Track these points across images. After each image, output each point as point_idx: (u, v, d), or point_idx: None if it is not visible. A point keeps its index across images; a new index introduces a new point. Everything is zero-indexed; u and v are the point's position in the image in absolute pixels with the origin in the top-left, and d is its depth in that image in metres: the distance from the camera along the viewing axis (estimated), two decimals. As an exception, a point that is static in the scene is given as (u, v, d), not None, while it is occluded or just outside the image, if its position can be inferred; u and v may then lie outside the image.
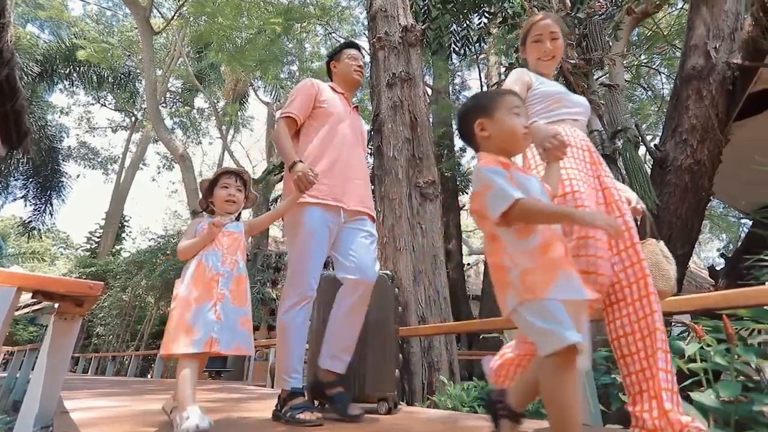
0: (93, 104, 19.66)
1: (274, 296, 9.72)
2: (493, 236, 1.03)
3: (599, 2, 4.61)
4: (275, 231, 16.63)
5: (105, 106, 19.08)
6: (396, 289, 2.34)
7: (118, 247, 17.06)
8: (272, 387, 4.68)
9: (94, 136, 21.06)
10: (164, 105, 16.53)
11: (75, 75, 14.18)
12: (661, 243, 1.40)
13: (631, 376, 1.19)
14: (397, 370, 2.13)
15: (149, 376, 11.25)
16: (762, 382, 1.53)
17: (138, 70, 14.53)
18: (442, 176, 8.83)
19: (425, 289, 4.01)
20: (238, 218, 1.71)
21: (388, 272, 2.30)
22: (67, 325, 1.47)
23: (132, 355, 9.78)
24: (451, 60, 9.54)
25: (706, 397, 1.45)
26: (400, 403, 2.48)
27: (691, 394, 1.59)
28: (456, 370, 3.92)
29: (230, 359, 8.26)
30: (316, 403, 1.91)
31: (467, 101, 1.23)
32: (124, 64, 14.70)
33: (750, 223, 5.69)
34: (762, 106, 4.12)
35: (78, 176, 22.56)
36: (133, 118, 18.94)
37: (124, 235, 18.24)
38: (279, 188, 12.94)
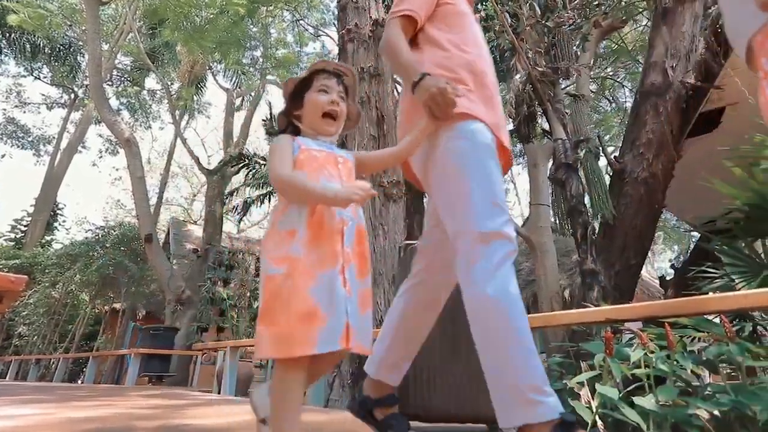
0: (25, 76, 17.62)
1: (225, 296, 9.08)
2: None
3: (568, 13, 4.75)
4: (229, 226, 15.85)
5: (39, 79, 17.18)
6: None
7: (48, 238, 15.43)
8: (219, 393, 4.36)
9: (24, 112, 18.96)
10: (110, 83, 15.20)
11: (4, 42, 12.75)
12: None
13: None
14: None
15: (79, 381, 10.28)
16: (699, 386, 1.60)
17: (80, 43, 13.24)
18: (406, 176, 8.79)
19: (385, 292, 3.91)
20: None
21: None
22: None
23: (60, 358, 8.84)
24: (421, 60, 9.54)
25: (647, 401, 1.49)
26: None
27: (634, 398, 1.66)
28: (418, 374, 3.85)
29: (174, 362, 7.61)
30: None
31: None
32: (65, 35, 13.33)
33: (698, 236, 6.15)
34: (711, 126, 4.43)
35: (3, 156, 20.16)
36: (72, 95, 17.22)
37: (56, 224, 16.56)
38: (236, 181, 12.26)
